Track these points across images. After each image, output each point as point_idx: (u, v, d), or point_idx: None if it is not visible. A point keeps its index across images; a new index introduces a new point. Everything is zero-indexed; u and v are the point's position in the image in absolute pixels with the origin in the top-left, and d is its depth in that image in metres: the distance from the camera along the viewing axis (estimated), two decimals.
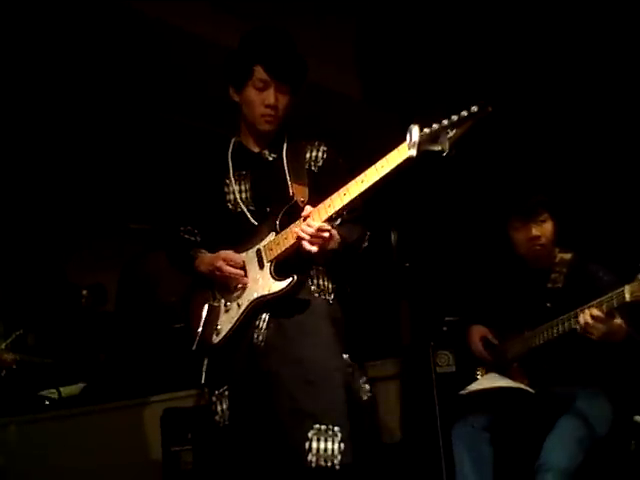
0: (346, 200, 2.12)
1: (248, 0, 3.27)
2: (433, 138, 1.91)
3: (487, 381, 2.95)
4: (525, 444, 2.82)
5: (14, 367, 3.31)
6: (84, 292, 4.24)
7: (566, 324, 2.70)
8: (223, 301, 2.39)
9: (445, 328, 3.77)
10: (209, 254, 2.41)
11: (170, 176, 2.63)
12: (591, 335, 2.55)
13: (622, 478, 2.75)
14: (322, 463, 2.10)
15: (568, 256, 2.94)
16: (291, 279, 2.24)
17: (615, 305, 2.48)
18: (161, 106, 3.87)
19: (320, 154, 2.46)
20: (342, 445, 2.11)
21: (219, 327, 2.35)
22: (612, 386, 2.80)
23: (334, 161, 2.46)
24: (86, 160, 3.92)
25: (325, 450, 2.11)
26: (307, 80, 2.44)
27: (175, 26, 3.17)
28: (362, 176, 2.09)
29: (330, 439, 2.12)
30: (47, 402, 3.53)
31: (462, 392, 2.91)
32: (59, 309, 4.07)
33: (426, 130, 1.92)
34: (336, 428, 2.13)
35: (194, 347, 2.37)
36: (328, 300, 2.36)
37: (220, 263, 2.32)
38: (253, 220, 2.38)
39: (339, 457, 2.11)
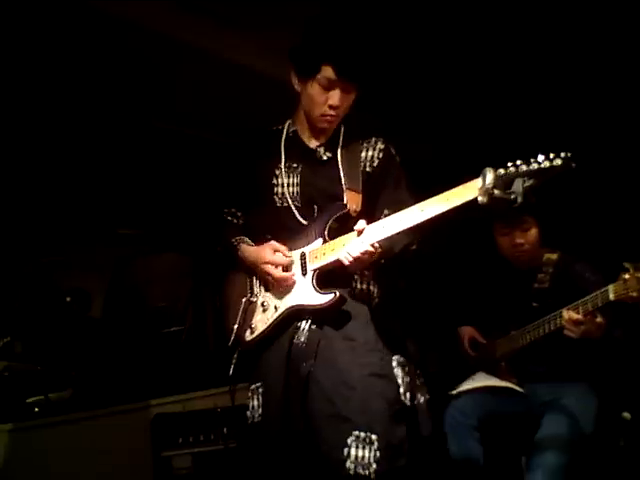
0: (400, 227, 2.04)
1: (230, 5, 3.25)
2: (507, 183, 1.81)
3: (476, 381, 2.97)
4: (514, 442, 2.85)
5: (6, 374, 3.29)
6: (67, 298, 4.22)
7: (551, 323, 2.73)
8: (261, 299, 2.33)
9: (434, 329, 3.79)
10: (252, 247, 2.34)
11: (223, 160, 2.54)
12: (571, 334, 2.59)
13: (612, 474, 2.78)
14: (360, 471, 2.04)
15: (554, 256, 2.97)
16: (333, 295, 2.16)
17: (600, 304, 2.51)
18: (148, 112, 3.85)
19: (376, 153, 2.33)
20: (378, 453, 2.05)
21: (253, 325, 2.30)
22: (597, 382, 2.84)
23: (390, 161, 2.34)
24: (73, 165, 3.89)
25: (363, 458, 2.05)
26: (283, 79, 2.32)
27: (161, 33, 3.16)
28: (422, 205, 2.00)
29: (367, 447, 2.06)
30: (36, 409, 3.51)
31: (452, 392, 2.94)
32: (46, 316, 4.05)
33: (501, 171, 1.82)
34: (373, 436, 2.07)
35: (230, 343, 2.31)
36: (372, 305, 2.29)
37: (268, 268, 2.25)
38: (300, 217, 2.28)
39: (374, 466, 2.04)
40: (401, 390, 2.17)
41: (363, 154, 2.33)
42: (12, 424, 3.26)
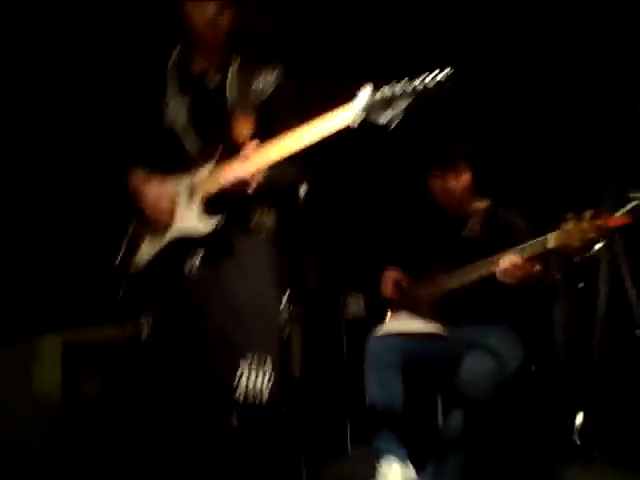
0: (283, 153, 2.05)
1: None
2: (383, 105, 1.83)
3: (400, 323, 3.00)
4: (433, 384, 2.89)
5: None
6: None
7: (484, 269, 2.76)
8: (148, 229, 2.29)
9: (356, 273, 3.79)
10: (139, 175, 2.28)
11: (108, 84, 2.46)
12: (507, 279, 2.64)
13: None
14: (251, 398, 2.12)
15: (485, 204, 3.02)
16: (217, 220, 2.17)
17: (538, 252, 2.57)
18: None
19: (271, 79, 2.29)
20: (269, 380, 2.14)
21: (139, 255, 2.27)
22: (523, 325, 2.91)
23: (284, 87, 2.32)
24: None
25: (255, 385, 2.13)
26: None
27: None
28: (304, 129, 2.01)
29: (259, 374, 2.13)
30: None
31: (375, 334, 2.95)
32: None
33: (377, 95, 1.84)
34: (265, 363, 2.14)
35: (115, 269, 2.27)
36: (266, 235, 2.32)
37: (147, 197, 2.23)
38: (189, 147, 2.26)
39: (266, 392, 2.14)
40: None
41: (256, 80, 2.28)
42: None
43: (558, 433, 2.89)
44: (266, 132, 2.18)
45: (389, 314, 3.16)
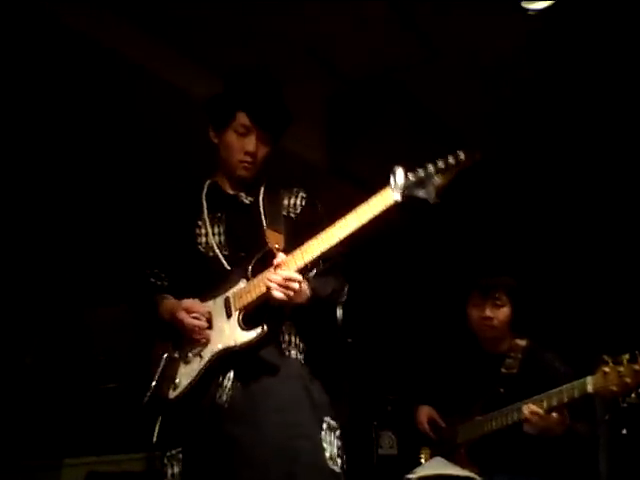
0: (322, 248, 2.02)
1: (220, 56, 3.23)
2: (419, 184, 1.88)
3: (435, 466, 2.86)
4: None
5: None
6: None
7: (516, 414, 2.64)
8: (184, 353, 2.21)
9: (389, 407, 3.68)
10: (173, 300, 2.25)
11: (138, 218, 2.49)
12: (530, 430, 2.55)
13: None
14: None
15: (524, 342, 2.94)
16: (260, 329, 2.09)
17: (576, 396, 2.47)
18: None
19: (298, 201, 2.35)
20: None
21: (177, 381, 2.16)
22: (557, 476, 2.75)
23: (313, 208, 2.35)
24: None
25: None
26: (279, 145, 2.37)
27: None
28: (342, 222, 2.00)
29: None
30: None
31: (410, 476, 2.80)
32: None
33: (411, 176, 1.89)
34: None
35: (145, 400, 2.17)
36: (299, 359, 2.21)
37: (182, 315, 2.17)
38: (226, 265, 2.23)
39: None
40: (327, 454, 2.09)
41: (285, 201, 2.35)
42: None
43: None
44: (298, 243, 2.16)
45: (422, 452, 3.03)
